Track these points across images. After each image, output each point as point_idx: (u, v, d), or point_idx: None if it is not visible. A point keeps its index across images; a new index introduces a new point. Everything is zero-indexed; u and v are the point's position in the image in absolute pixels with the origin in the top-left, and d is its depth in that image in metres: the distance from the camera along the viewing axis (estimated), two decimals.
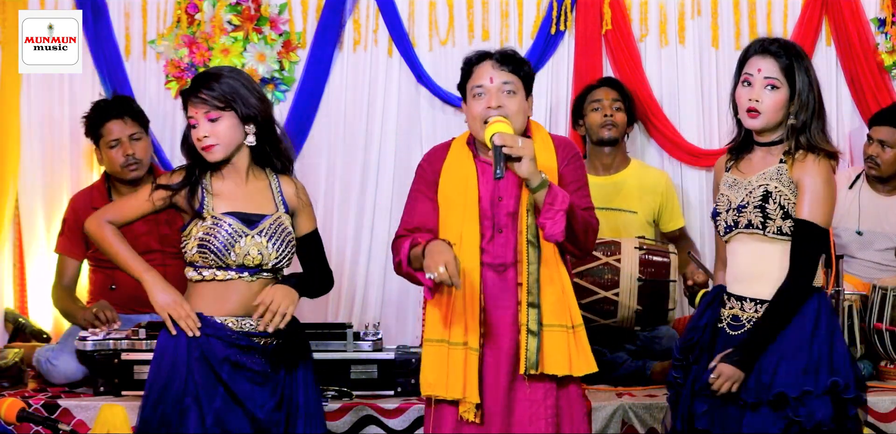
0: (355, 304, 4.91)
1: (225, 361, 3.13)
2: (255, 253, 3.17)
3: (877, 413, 3.90)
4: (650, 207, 4.64)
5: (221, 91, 3.14)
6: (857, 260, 4.62)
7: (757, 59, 3.16)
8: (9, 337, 4.71)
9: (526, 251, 3.18)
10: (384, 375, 3.96)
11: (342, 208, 4.93)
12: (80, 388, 4.03)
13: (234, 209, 3.20)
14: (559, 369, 3.16)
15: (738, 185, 3.22)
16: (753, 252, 3.18)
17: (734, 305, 3.20)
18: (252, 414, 3.13)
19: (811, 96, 3.14)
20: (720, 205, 3.25)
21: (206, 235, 3.15)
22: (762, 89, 3.14)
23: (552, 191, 3.04)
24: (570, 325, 3.19)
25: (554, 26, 4.89)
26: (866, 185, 4.67)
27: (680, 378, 3.24)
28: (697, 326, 3.23)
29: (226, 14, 4.83)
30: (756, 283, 3.17)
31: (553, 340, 3.16)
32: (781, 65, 3.13)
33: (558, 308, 3.17)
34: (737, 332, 3.17)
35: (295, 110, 4.90)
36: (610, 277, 4.14)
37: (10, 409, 3.14)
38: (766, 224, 3.13)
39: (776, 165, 3.17)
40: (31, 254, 4.86)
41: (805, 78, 3.13)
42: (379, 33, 4.92)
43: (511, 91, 3.18)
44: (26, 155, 4.87)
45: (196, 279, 3.20)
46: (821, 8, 4.90)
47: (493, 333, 3.20)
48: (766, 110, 3.14)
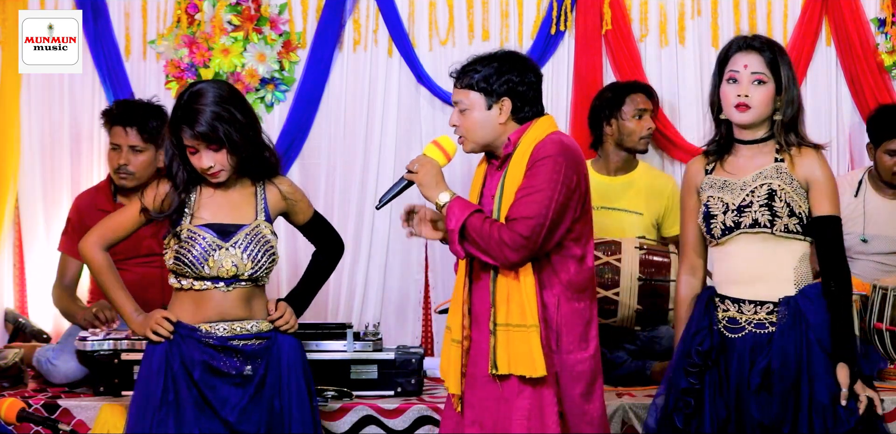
0: (355, 304, 4.91)
1: (199, 365, 3.17)
2: (230, 265, 3.20)
3: None
4: (656, 210, 4.63)
5: (212, 128, 3.14)
6: (861, 261, 4.62)
7: (741, 55, 3.18)
8: (9, 337, 4.72)
9: None
10: (384, 375, 3.96)
11: (342, 208, 4.93)
12: (80, 388, 4.03)
13: (214, 220, 3.24)
14: (522, 369, 3.12)
15: (730, 186, 3.21)
16: (759, 252, 3.17)
17: (729, 308, 3.19)
18: (225, 419, 3.16)
19: (795, 91, 3.17)
20: (713, 207, 3.22)
21: (181, 249, 3.20)
22: (750, 84, 3.16)
23: (447, 213, 3.15)
24: (528, 325, 3.13)
25: (554, 26, 4.89)
26: (871, 190, 4.66)
27: (697, 384, 3.18)
28: (703, 328, 3.20)
29: (226, 14, 4.83)
30: (758, 284, 3.17)
31: (509, 340, 3.14)
32: (766, 59, 3.17)
33: (517, 307, 3.14)
34: (737, 335, 3.17)
35: (295, 110, 4.90)
36: (610, 277, 4.14)
37: (10, 409, 3.14)
38: (773, 222, 3.13)
39: (773, 164, 3.17)
40: (31, 254, 4.87)
41: (789, 73, 3.17)
42: (379, 33, 4.93)
43: (463, 110, 3.23)
44: (26, 155, 4.88)
45: (176, 287, 3.27)
46: (821, 8, 4.90)
47: (477, 330, 3.22)
48: (756, 105, 3.15)
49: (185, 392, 3.17)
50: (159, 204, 3.26)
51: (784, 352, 3.10)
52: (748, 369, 3.14)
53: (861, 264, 4.61)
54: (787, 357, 3.10)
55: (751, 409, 3.12)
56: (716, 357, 3.18)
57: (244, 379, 3.21)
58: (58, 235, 4.50)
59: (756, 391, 3.11)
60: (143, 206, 3.27)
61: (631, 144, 4.59)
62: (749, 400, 3.12)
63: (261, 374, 3.23)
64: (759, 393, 3.11)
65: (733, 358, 3.17)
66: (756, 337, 3.15)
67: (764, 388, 3.10)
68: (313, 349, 3.94)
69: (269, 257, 3.28)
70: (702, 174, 3.28)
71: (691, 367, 3.18)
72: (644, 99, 4.60)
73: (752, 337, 3.16)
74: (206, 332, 3.21)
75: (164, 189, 3.26)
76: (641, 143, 4.60)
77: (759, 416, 3.11)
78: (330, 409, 3.81)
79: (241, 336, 3.23)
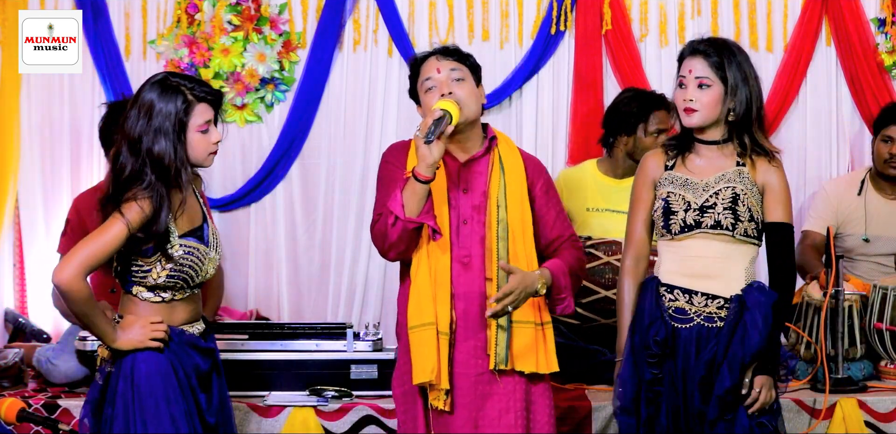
0: (355, 304, 4.91)
1: (194, 370, 3.11)
2: (212, 269, 3.15)
3: (877, 413, 3.89)
4: None
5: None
6: (861, 262, 4.62)
7: (688, 60, 3.22)
8: (9, 337, 4.71)
9: (496, 246, 3.17)
10: (384, 375, 3.95)
11: (342, 208, 4.93)
12: (80, 388, 4.03)
13: (187, 227, 3.09)
14: (527, 366, 3.16)
15: (693, 185, 3.23)
16: (717, 252, 3.20)
17: (678, 298, 3.21)
18: (206, 421, 3.12)
19: (746, 91, 3.18)
20: (673, 204, 3.24)
21: (178, 266, 3.04)
22: (695, 89, 3.19)
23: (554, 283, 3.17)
24: (539, 322, 3.20)
25: (554, 26, 4.89)
26: (872, 190, 4.66)
27: (659, 373, 3.21)
28: (656, 319, 3.21)
29: (226, 14, 4.83)
30: (713, 280, 3.20)
31: (522, 337, 3.17)
32: (710, 62, 3.18)
33: (528, 305, 3.16)
34: (684, 325, 3.19)
35: (295, 110, 4.90)
36: (610, 277, 4.14)
37: (10, 409, 3.14)
38: (735, 226, 3.17)
39: (734, 168, 3.22)
40: (31, 254, 4.86)
41: (738, 73, 3.18)
42: (379, 33, 4.93)
43: (459, 79, 3.20)
44: (26, 155, 4.88)
45: (153, 300, 3.09)
46: (821, 8, 4.90)
47: (463, 325, 3.19)
48: (701, 108, 3.18)
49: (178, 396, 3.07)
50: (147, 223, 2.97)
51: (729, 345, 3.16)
52: (693, 359, 3.17)
53: (862, 265, 4.61)
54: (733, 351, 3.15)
55: (694, 399, 3.16)
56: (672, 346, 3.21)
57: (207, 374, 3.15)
58: (58, 235, 4.49)
59: (700, 382, 3.15)
60: (129, 228, 2.95)
61: (640, 157, 4.57)
62: (693, 390, 3.16)
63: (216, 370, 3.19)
64: (703, 384, 3.15)
65: (679, 347, 3.20)
66: (702, 329, 3.18)
67: (707, 379, 3.14)
68: (313, 349, 3.95)
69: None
70: (661, 169, 3.31)
71: (650, 357, 3.21)
72: (665, 117, 4.50)
73: (697, 329, 3.18)
74: (189, 333, 3.13)
75: (148, 207, 2.96)
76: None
77: (699, 406, 3.15)
78: (330, 409, 3.81)
79: (204, 332, 3.18)
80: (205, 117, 3.04)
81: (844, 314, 4.02)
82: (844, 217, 4.63)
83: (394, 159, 3.28)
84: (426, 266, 3.16)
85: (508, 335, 3.15)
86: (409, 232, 3.10)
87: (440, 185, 3.19)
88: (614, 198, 4.53)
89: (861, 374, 4.08)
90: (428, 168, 3.04)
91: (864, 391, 3.98)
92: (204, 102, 3.04)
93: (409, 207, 3.06)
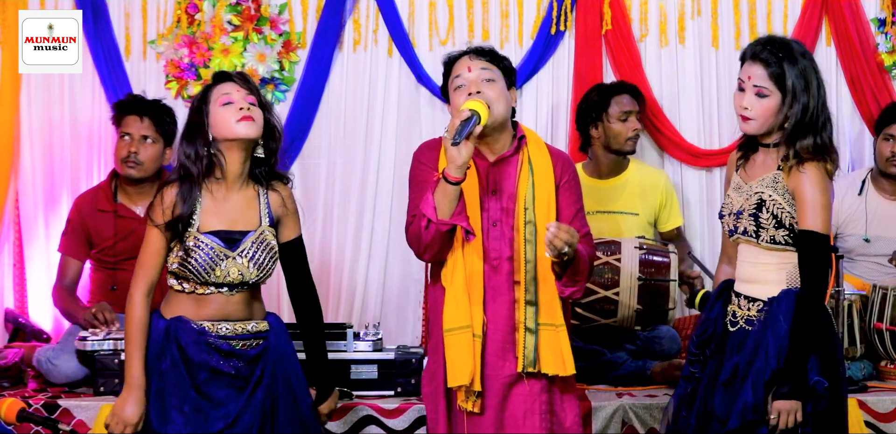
0: (355, 304, 4.90)
1: (202, 367, 3.14)
2: (236, 274, 3.19)
3: (877, 413, 3.90)
4: (651, 207, 4.64)
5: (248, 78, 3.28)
6: (862, 262, 4.62)
7: (748, 65, 3.15)
8: (9, 337, 4.71)
9: (524, 249, 3.19)
10: (384, 375, 3.96)
11: (342, 208, 4.93)
12: (80, 388, 4.03)
13: (219, 226, 3.20)
14: (553, 368, 3.18)
15: (741, 189, 3.22)
16: (754, 257, 3.20)
17: (734, 301, 3.22)
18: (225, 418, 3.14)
19: (806, 99, 3.09)
20: (725, 207, 3.25)
21: (186, 255, 3.16)
22: (752, 97, 3.12)
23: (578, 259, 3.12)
24: (556, 324, 3.21)
25: (554, 26, 4.88)
26: (873, 190, 4.67)
27: (697, 372, 3.22)
28: (709, 319, 3.24)
29: (226, 14, 4.83)
30: (754, 285, 3.20)
31: (547, 339, 3.19)
32: (769, 72, 3.10)
33: (552, 307, 3.19)
34: (733, 328, 3.19)
35: (295, 110, 4.90)
36: (610, 277, 4.14)
37: (10, 409, 3.14)
38: (759, 233, 3.14)
39: (773, 172, 3.16)
40: (31, 254, 4.86)
41: (799, 82, 3.08)
42: (379, 33, 4.92)
43: (489, 79, 3.20)
44: (26, 155, 4.87)
45: (177, 288, 3.22)
46: (821, 8, 4.90)
47: (493, 328, 3.21)
48: (757, 117, 3.13)
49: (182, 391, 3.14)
50: (170, 214, 3.17)
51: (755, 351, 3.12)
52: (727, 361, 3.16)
53: (863, 266, 4.61)
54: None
55: (714, 402, 3.14)
56: (715, 347, 3.20)
57: (243, 380, 3.19)
58: (58, 235, 4.51)
59: (724, 385, 3.12)
60: (156, 224, 3.16)
61: (618, 146, 4.59)
62: (716, 392, 3.14)
63: (257, 376, 3.21)
64: (727, 388, 3.12)
65: (726, 349, 3.19)
66: (743, 333, 3.17)
67: (729, 383, 3.11)
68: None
69: (274, 263, 3.28)
70: (734, 169, 3.29)
71: (691, 355, 3.23)
72: (629, 100, 4.59)
73: (740, 333, 3.18)
74: (209, 330, 3.18)
75: (170, 198, 3.18)
76: (628, 144, 4.60)
77: (718, 411, 3.12)
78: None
79: (242, 336, 3.22)
80: (223, 91, 3.20)
81: (844, 314, 4.02)
82: (845, 217, 4.63)
83: (425, 159, 3.30)
84: (462, 268, 3.19)
85: (536, 338, 3.16)
86: (442, 234, 3.11)
87: (472, 187, 3.20)
88: (603, 199, 4.54)
89: (861, 373, 4.08)
90: (458, 169, 3.04)
91: (864, 391, 3.98)
92: (224, 82, 3.22)
93: (440, 209, 3.08)
